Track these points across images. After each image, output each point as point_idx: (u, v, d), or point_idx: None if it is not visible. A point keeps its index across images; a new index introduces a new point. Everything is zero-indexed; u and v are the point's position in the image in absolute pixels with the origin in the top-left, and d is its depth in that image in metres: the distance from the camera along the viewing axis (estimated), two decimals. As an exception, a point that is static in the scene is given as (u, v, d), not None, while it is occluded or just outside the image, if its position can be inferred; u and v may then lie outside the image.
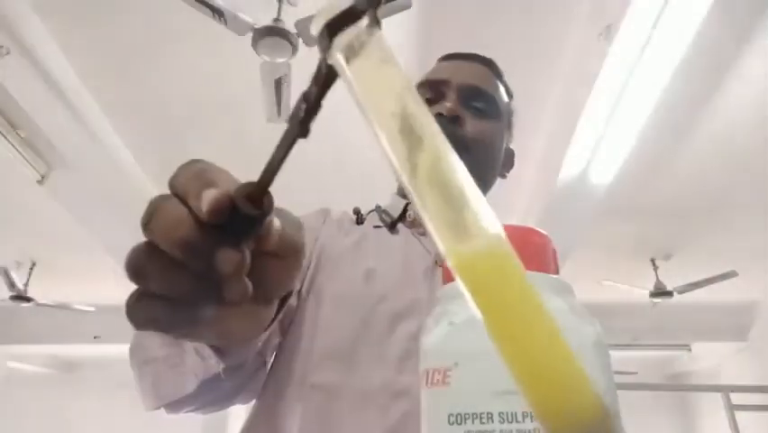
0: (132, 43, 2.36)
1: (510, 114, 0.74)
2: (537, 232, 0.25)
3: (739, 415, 2.55)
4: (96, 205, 3.22)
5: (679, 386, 6.83)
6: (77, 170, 2.84)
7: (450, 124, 0.62)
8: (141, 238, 0.22)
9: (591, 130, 2.52)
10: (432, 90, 0.67)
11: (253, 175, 0.22)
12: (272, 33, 1.94)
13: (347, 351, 0.53)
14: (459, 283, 0.13)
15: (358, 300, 0.57)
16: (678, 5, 1.83)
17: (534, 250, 0.24)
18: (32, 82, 2.40)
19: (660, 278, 4.20)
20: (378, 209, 0.70)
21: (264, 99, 2.21)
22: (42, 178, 2.80)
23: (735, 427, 2.51)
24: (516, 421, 0.18)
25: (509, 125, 0.74)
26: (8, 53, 2.22)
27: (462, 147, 0.61)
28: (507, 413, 0.19)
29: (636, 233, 3.86)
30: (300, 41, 1.96)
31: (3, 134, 2.43)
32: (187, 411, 0.51)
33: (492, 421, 0.19)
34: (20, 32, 2.23)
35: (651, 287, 4.20)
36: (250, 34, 1.94)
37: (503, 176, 0.74)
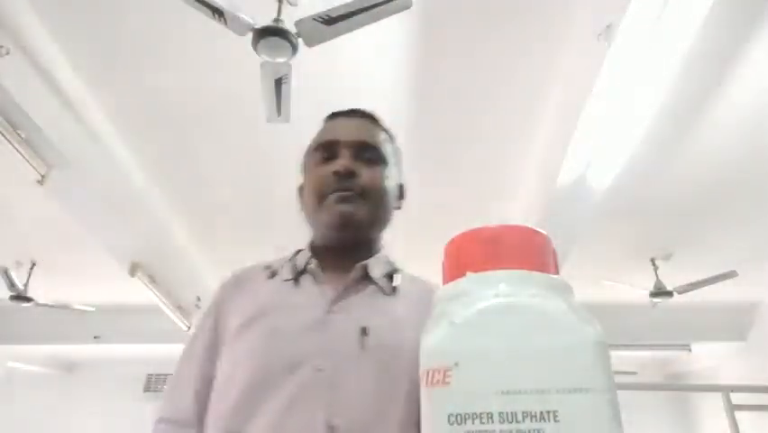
0: (132, 44, 2.36)
1: (397, 153, 0.83)
2: (537, 232, 0.25)
3: (739, 415, 2.55)
4: (96, 205, 3.22)
5: (679, 386, 6.83)
6: (77, 170, 2.84)
7: (346, 179, 0.71)
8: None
9: (591, 130, 2.52)
10: (327, 151, 0.76)
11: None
12: (272, 33, 1.93)
13: (250, 399, 0.61)
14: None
15: (261, 355, 0.64)
16: (678, 5, 1.83)
17: (533, 250, 0.24)
18: (32, 82, 2.41)
19: (660, 278, 4.20)
20: (292, 259, 0.76)
21: (264, 99, 2.21)
22: (42, 178, 2.80)
23: (735, 427, 2.51)
24: (516, 421, 0.18)
25: (398, 163, 0.83)
26: (8, 53, 2.22)
27: (359, 195, 0.71)
28: (507, 413, 0.18)
29: (636, 233, 3.86)
30: (300, 41, 1.96)
31: (3, 134, 2.43)
32: None
33: (492, 421, 0.19)
34: (20, 32, 2.24)
35: (651, 287, 4.20)
36: (250, 34, 1.94)
37: (398, 208, 0.82)
